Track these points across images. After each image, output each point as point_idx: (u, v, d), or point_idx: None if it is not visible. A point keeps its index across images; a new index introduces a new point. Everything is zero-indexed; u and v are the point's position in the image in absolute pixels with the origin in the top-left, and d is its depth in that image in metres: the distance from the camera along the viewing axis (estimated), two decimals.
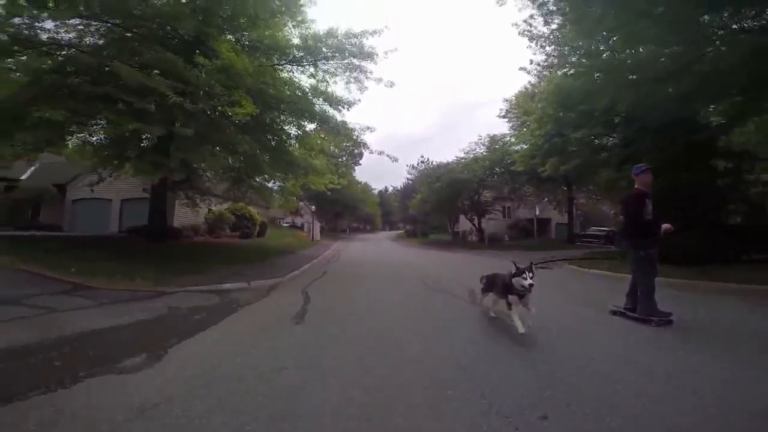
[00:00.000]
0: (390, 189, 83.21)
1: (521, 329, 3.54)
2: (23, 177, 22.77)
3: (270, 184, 14.32)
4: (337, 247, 22.68)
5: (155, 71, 8.99)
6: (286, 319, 4.53)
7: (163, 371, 2.73)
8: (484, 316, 4.64)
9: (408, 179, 50.19)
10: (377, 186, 78.34)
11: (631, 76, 7.88)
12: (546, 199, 28.08)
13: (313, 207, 33.98)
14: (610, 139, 13.24)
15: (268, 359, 3.06)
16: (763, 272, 6.87)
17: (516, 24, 7.80)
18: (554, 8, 7.11)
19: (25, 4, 8.19)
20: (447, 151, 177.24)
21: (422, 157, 54.35)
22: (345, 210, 46.62)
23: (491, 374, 2.74)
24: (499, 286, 4.11)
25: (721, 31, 6.92)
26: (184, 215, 18.40)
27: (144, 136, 9.74)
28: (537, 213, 29.28)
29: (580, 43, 8.03)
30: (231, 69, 8.60)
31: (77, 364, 2.75)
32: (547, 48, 8.88)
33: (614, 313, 4.70)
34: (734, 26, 6.72)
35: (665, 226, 4.28)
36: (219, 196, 16.51)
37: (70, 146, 11.14)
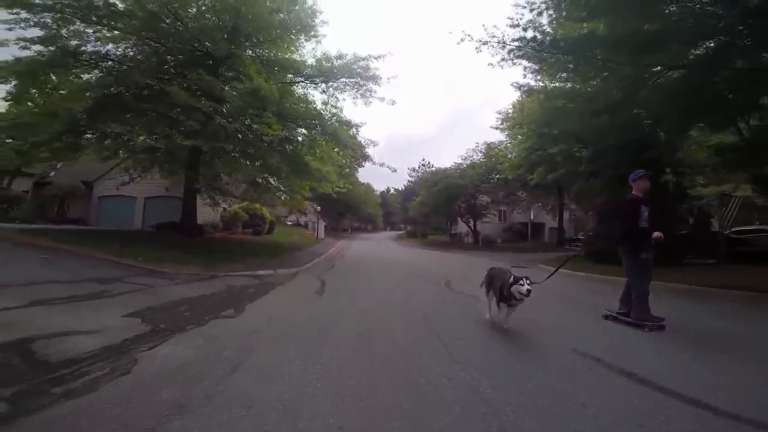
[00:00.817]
0: (392, 190, 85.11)
1: (505, 324, 3.99)
2: (52, 174, 24.69)
3: (282, 188, 16.13)
4: (340, 245, 24.49)
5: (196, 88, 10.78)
6: (311, 293, 6.33)
7: (248, 317, 4.52)
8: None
9: (409, 181, 52.12)
10: (379, 186, 79.98)
11: (591, 104, 9.62)
12: (539, 204, 29.86)
13: (318, 207, 35.74)
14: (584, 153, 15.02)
15: (306, 312, 4.86)
16: (694, 274, 8.49)
17: (491, 64, 9.51)
18: (519, 56, 8.82)
19: (73, 18, 10.02)
20: (449, 153, 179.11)
21: (423, 159, 56.29)
22: (348, 210, 48.49)
23: (437, 317, 4.55)
24: (496, 286, 4.07)
25: (657, 67, 8.57)
26: (204, 213, 20.24)
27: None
28: (531, 217, 31.07)
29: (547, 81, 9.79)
30: (259, 92, 10.39)
31: (197, 314, 4.52)
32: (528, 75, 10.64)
33: (606, 317, 4.70)
34: (659, 67, 8.39)
35: (656, 234, 4.24)
36: (237, 197, 18.29)
37: (120, 154, 12.87)
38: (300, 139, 13.48)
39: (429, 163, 39.93)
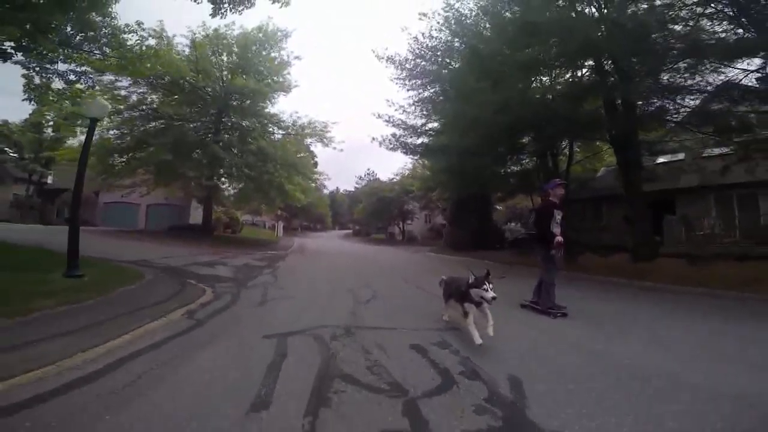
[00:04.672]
0: (341, 189, 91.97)
1: (478, 340, 3.28)
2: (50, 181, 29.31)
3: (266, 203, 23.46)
4: (300, 242, 31.91)
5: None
6: (303, 261, 14.13)
7: (278, 270, 12.15)
8: (379, 269, 14.29)
9: (356, 187, 60.06)
10: (329, 185, 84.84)
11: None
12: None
13: (279, 210, 42.54)
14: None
15: (305, 264, 12.77)
16: (493, 252, 17.48)
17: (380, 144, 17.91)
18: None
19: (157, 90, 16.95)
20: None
21: (368, 169, 64.64)
22: (299, 211, 55.31)
23: (361, 268, 12.74)
24: (456, 292, 3.91)
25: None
26: (197, 217, 26.66)
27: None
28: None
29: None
30: (264, 149, 17.89)
31: (251, 272, 11.90)
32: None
33: (523, 306, 5.39)
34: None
35: (558, 239, 4.91)
36: (230, 207, 25.21)
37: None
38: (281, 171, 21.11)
39: (373, 172, 48.67)
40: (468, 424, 2.05)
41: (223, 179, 20.57)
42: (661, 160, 16.21)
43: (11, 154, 27.87)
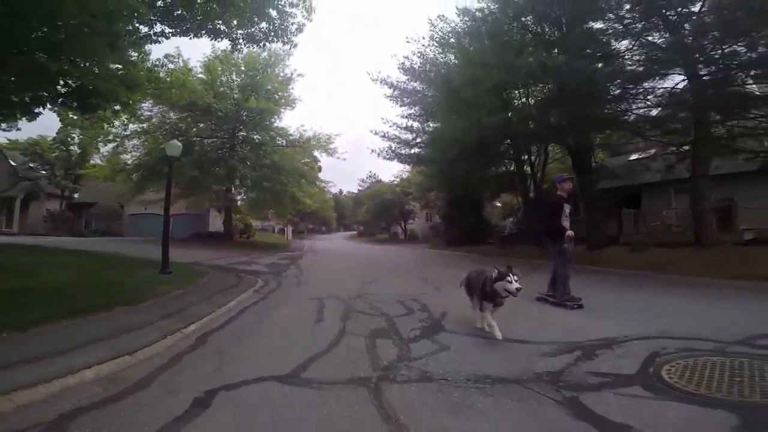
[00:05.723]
0: (344, 191, 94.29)
1: (499, 335, 3.60)
2: (76, 196, 32.04)
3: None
4: (309, 244, 34.41)
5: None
6: (317, 259, 16.58)
7: (300, 266, 14.63)
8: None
9: (359, 189, 62.55)
10: (333, 188, 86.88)
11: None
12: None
13: (289, 216, 45.05)
14: None
15: (321, 261, 15.23)
16: (486, 246, 19.85)
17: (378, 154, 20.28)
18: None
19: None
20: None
21: (370, 172, 67.03)
22: (306, 215, 57.93)
23: (365, 262, 15.18)
24: (478, 288, 3.96)
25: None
26: (216, 225, 29.26)
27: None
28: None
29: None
30: (277, 163, 20.39)
31: (280, 268, 14.43)
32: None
33: (539, 299, 5.54)
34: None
35: (569, 233, 5.09)
36: (247, 214, 27.75)
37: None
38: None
39: (375, 174, 51.55)
40: (415, 326, 4.45)
41: (239, 190, 23.18)
42: (633, 157, 18.49)
43: (43, 172, 30.58)
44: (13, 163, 30.46)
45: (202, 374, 2.89)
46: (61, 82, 7.52)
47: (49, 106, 8.38)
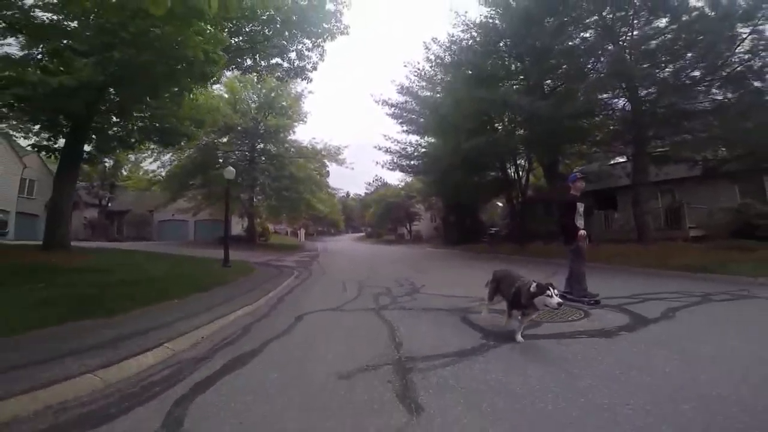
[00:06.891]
0: (352, 194, 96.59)
1: (520, 339, 3.68)
2: (110, 204, 35.42)
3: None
4: (322, 245, 37.33)
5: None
6: (333, 258, 19.44)
7: (321, 263, 17.51)
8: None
9: (366, 192, 65.36)
10: (340, 190, 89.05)
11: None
12: None
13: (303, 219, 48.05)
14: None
15: (336, 259, 18.10)
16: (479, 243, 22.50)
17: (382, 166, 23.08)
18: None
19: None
20: None
21: (376, 175, 70.01)
22: (317, 218, 60.94)
23: (374, 260, 18.00)
24: (508, 291, 3.99)
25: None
26: (236, 229, 32.35)
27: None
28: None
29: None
30: (295, 175, 23.37)
31: (305, 264, 17.31)
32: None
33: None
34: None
35: (581, 232, 5.28)
36: (265, 219, 30.80)
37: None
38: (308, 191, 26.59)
39: (381, 178, 54.70)
40: (402, 291, 7.25)
41: (258, 197, 26.15)
42: (613, 162, 21.02)
43: (82, 183, 34.05)
44: None
45: (291, 310, 5.74)
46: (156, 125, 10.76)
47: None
